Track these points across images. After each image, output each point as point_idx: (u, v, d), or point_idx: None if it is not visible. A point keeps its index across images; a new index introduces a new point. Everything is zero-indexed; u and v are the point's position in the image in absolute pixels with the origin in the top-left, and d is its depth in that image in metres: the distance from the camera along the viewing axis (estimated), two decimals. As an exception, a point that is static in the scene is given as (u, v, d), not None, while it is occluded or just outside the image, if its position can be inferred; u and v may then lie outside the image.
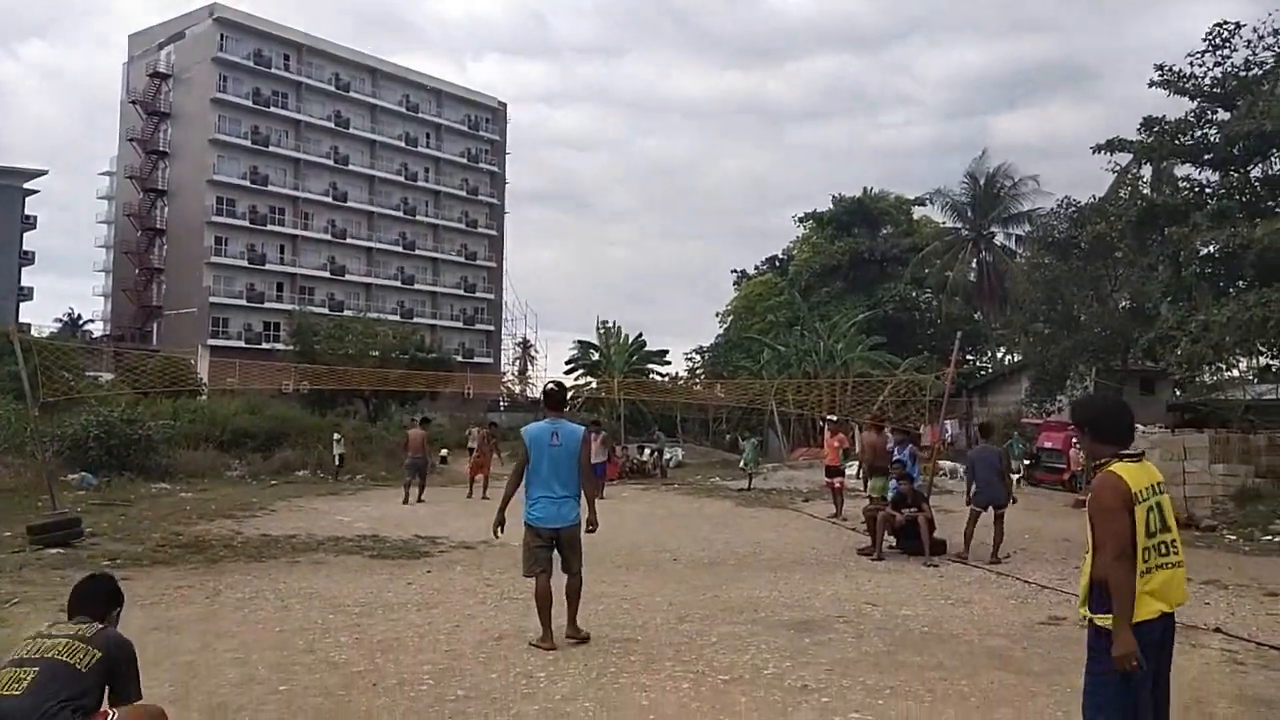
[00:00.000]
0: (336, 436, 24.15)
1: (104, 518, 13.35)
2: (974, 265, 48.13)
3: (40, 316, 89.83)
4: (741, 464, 22.79)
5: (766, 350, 44.72)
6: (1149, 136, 23.08)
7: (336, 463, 23.42)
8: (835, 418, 19.25)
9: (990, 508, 10.96)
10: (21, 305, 55.77)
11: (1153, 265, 27.67)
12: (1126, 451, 3.50)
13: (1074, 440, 21.68)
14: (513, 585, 8.72)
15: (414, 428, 19.35)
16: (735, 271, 68.56)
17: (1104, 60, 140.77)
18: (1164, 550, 3.40)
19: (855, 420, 28.41)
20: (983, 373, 46.07)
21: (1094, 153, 25.55)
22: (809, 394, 30.01)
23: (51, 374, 19.82)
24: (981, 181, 47.84)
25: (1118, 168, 28.04)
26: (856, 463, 18.35)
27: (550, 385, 6.79)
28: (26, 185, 58.14)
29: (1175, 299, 24.53)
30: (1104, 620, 3.33)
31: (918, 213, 59.46)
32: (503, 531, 6.44)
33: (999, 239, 48.89)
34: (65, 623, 3.44)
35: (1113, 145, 24.70)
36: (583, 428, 6.58)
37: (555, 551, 6.37)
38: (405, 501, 17.29)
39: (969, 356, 45.85)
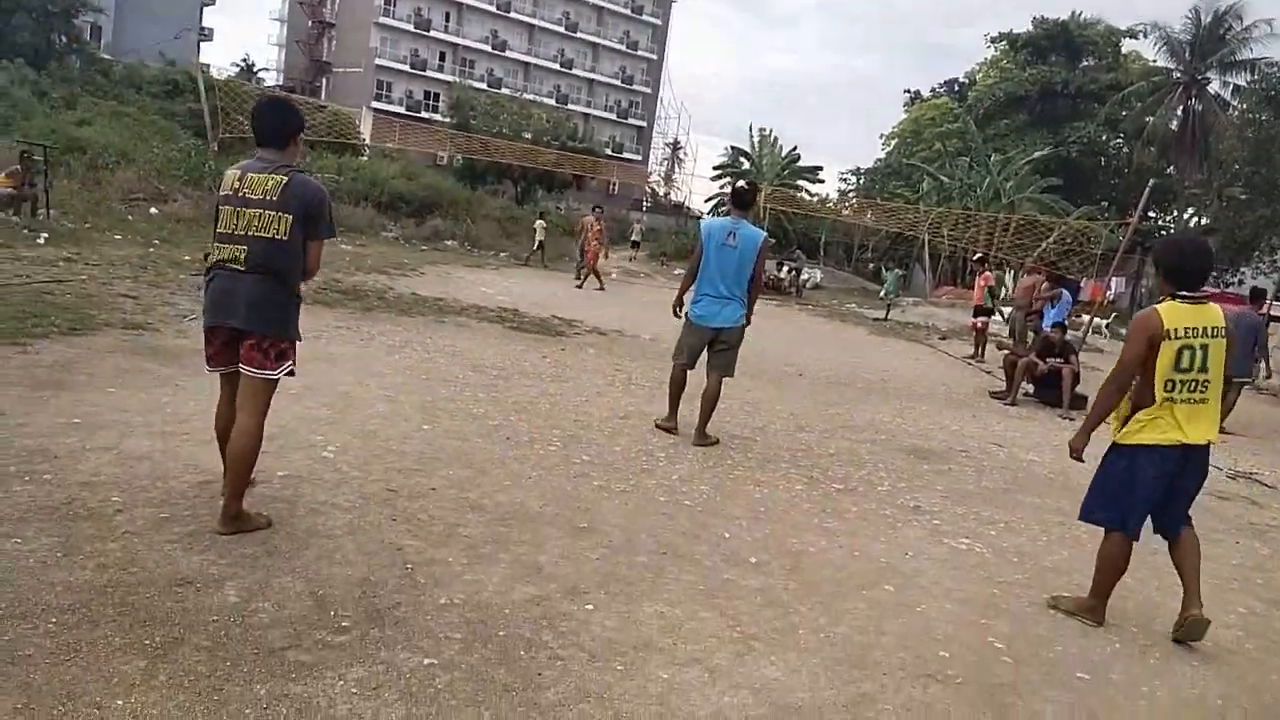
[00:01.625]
0: (540, 223, 23.94)
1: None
2: (1179, 113, 43.27)
3: (218, 59, 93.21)
4: (882, 294, 22.23)
5: (927, 179, 42.35)
6: None
7: (535, 248, 23.16)
8: (980, 255, 18.22)
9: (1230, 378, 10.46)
10: (201, 45, 57.93)
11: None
12: (1185, 293, 3.70)
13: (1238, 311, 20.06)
14: (641, 373, 9.00)
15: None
16: (908, 92, 64.19)
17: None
18: (1194, 387, 3.66)
19: (1012, 263, 27.03)
20: (1163, 232, 42.56)
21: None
22: (966, 229, 28.52)
23: (228, 114, 20.80)
24: (1207, 19, 42.10)
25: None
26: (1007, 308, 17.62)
27: (742, 184, 6.50)
28: (211, -76, 58.93)
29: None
30: (1120, 437, 3.82)
31: (1127, 46, 53.20)
32: (681, 311, 6.47)
33: (1214, 86, 43.44)
34: (257, 173, 3.64)
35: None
36: (763, 233, 6.31)
37: (708, 350, 6.38)
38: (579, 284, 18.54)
39: (1151, 213, 42.24)
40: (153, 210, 16.15)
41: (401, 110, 57.81)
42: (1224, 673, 3.69)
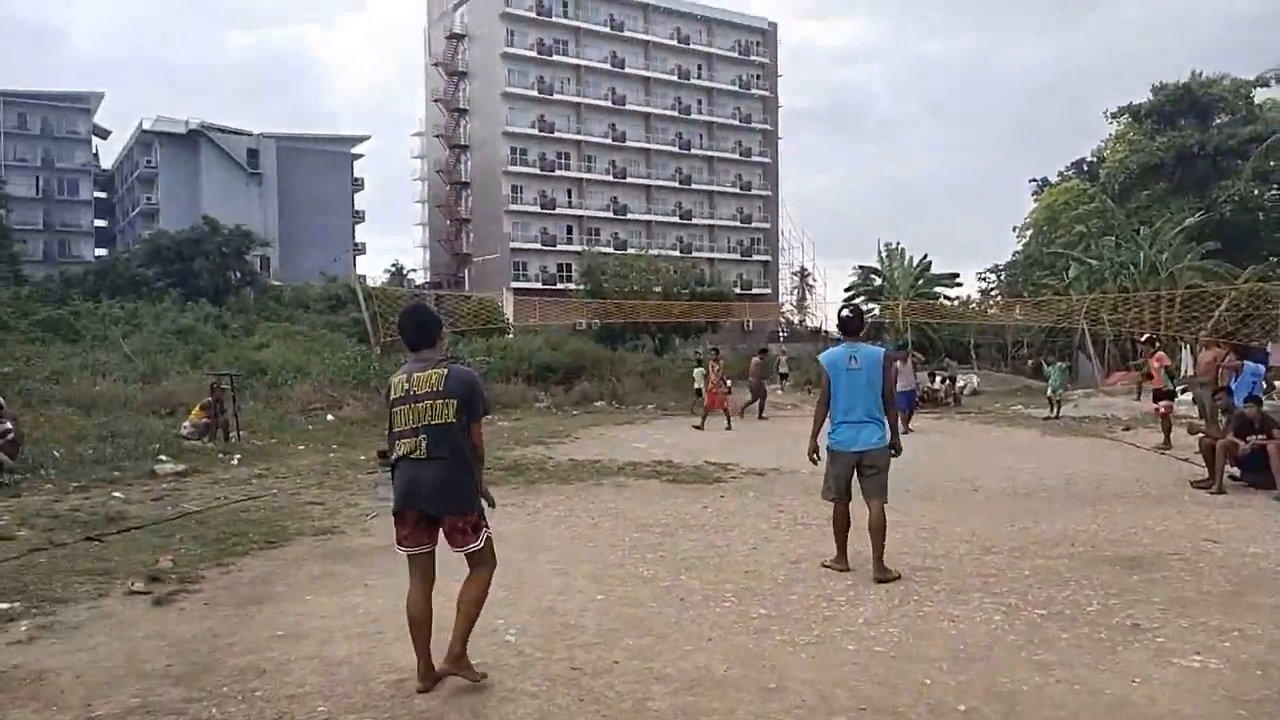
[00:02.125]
0: (698, 371, 24.59)
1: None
2: (1338, 152, 40.51)
3: (372, 269, 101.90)
4: (1049, 391, 21.12)
5: (1074, 265, 40.73)
6: None
7: (697, 396, 24.35)
8: (1148, 336, 17.14)
9: None
10: (357, 259, 63.68)
11: None
12: None
13: None
14: (805, 511, 8.78)
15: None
16: (1034, 180, 62.96)
17: None
18: None
19: (1184, 339, 25.30)
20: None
21: None
22: (1127, 311, 27.03)
23: (386, 318, 22.56)
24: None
25: None
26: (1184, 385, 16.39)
27: (845, 311, 6.55)
28: (353, 150, 65.95)
29: None
30: None
31: (1260, 95, 50.85)
32: (819, 459, 6.42)
33: (1373, 118, 40.67)
34: (420, 371, 4.17)
35: None
36: (882, 349, 6.39)
37: (857, 477, 6.25)
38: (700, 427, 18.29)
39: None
40: (329, 417, 17.44)
41: (538, 285, 61.20)
42: None
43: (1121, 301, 28.15)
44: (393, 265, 71.32)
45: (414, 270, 75.41)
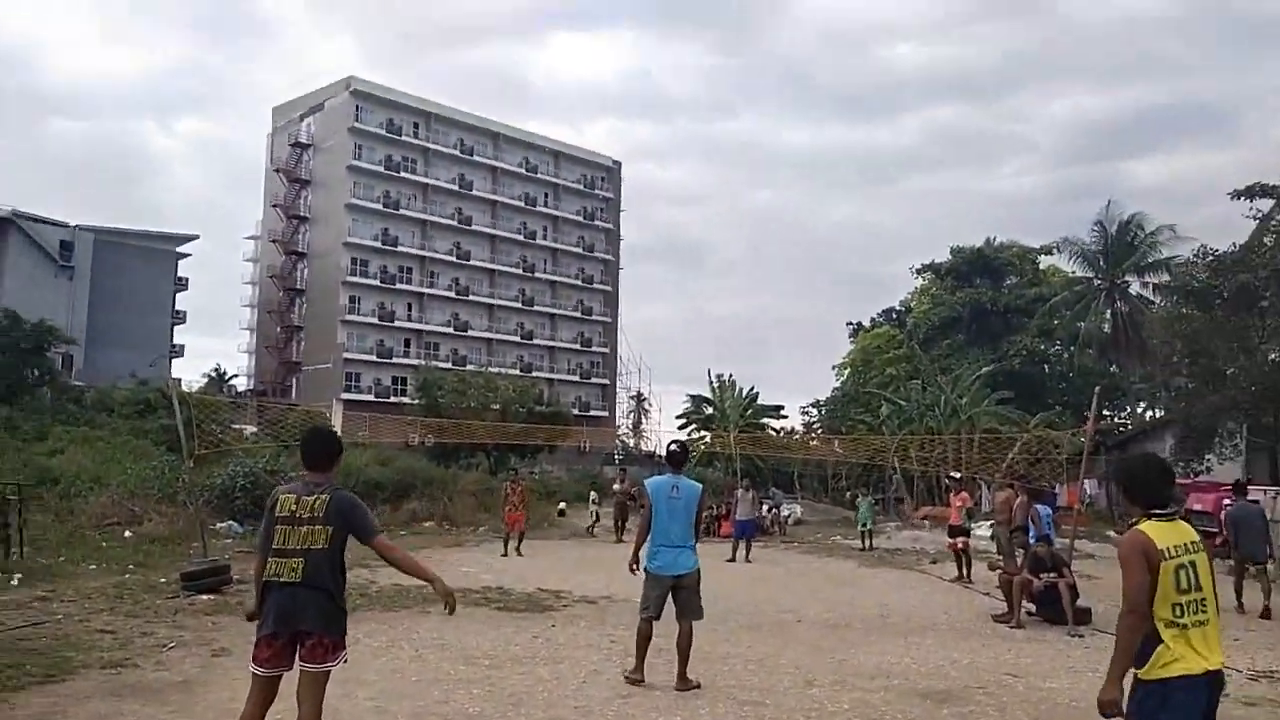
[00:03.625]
0: (593, 495, 24.72)
1: (250, 564, 13.96)
2: (1108, 316, 45.83)
3: (190, 372, 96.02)
4: (858, 525, 22.15)
5: (885, 404, 43.63)
6: (1294, 181, 21.76)
7: (593, 518, 24.80)
8: (959, 475, 18.57)
9: (1251, 563, 11.65)
10: (173, 361, 59.91)
11: (1304, 316, 25.91)
12: (1158, 510, 3.63)
13: (1224, 501, 20.26)
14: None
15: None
16: (850, 324, 67.57)
17: (1237, 101, 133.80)
18: (1197, 609, 3.50)
19: (983, 478, 27.35)
20: (1123, 429, 43.66)
21: (1233, 198, 24.30)
22: (932, 450, 29.07)
23: (201, 426, 21.17)
24: (1113, 229, 45.78)
25: (1260, 214, 26.54)
26: (988, 522, 17.65)
27: (673, 445, 7.30)
28: (180, 249, 62.93)
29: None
30: (1145, 673, 3.47)
31: (1044, 262, 57.36)
32: (638, 568, 6.99)
33: (1134, 288, 46.44)
34: (308, 495, 4.31)
35: (1253, 191, 23.46)
36: (700, 486, 7.05)
37: (672, 597, 6.80)
38: (505, 554, 17.50)
39: (1105, 411, 43.56)
40: (127, 533, 16.00)
41: (371, 398, 59.35)
42: None
43: (928, 441, 30.27)
44: (214, 370, 67.56)
45: (236, 375, 71.66)
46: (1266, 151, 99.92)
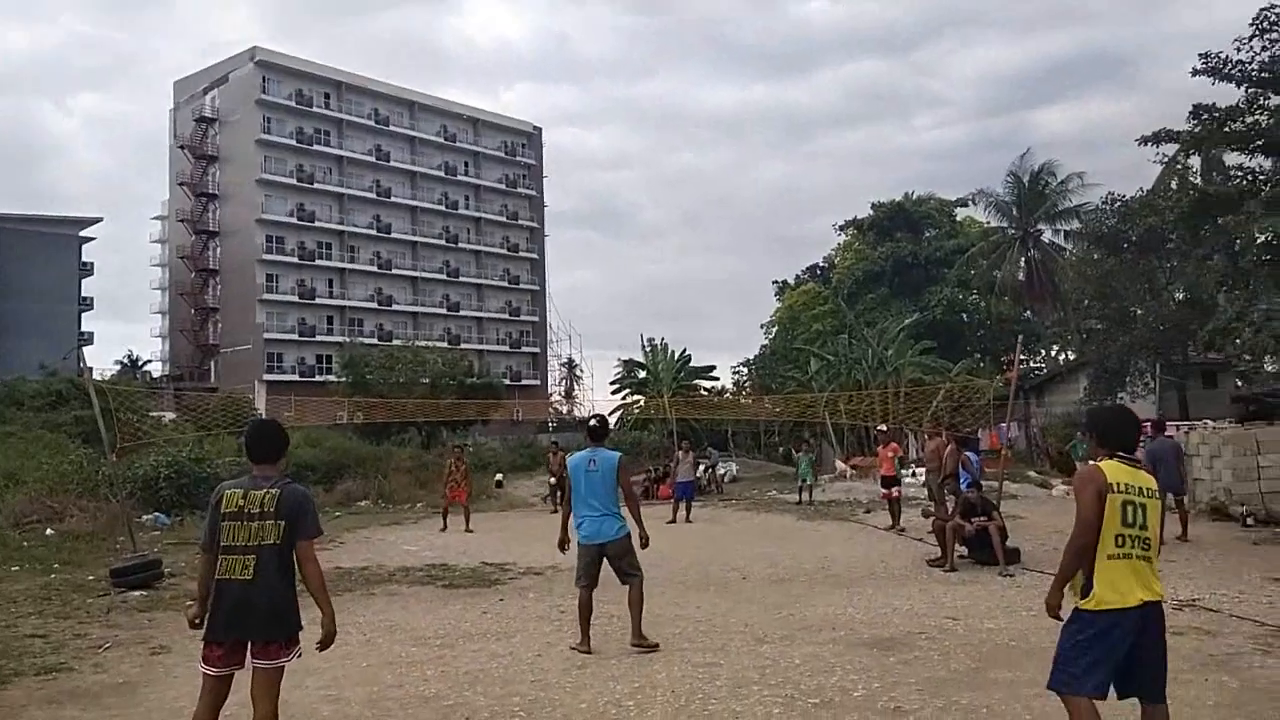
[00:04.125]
0: (550, 476, 24.27)
1: (181, 556, 13.62)
2: (1022, 264, 47.31)
3: (102, 360, 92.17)
4: (798, 480, 22.53)
5: (814, 360, 44.36)
6: (1197, 125, 22.65)
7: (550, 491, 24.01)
8: (885, 427, 19.04)
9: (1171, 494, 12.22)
10: (84, 350, 57.44)
11: (1207, 256, 27.10)
12: (1123, 454, 3.98)
13: (1142, 438, 21.23)
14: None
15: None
16: (776, 282, 68.32)
17: (1142, 49, 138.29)
18: (1143, 545, 3.83)
19: (909, 427, 28.09)
20: (1038, 372, 45.25)
21: (1140, 144, 25.17)
22: (860, 403, 29.72)
23: (119, 416, 20.35)
24: (1025, 179, 47.09)
25: (1165, 158, 27.54)
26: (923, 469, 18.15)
27: (593, 419, 7.50)
28: (83, 233, 60.15)
29: (1232, 289, 24.04)
30: (1083, 603, 3.86)
31: (961, 214, 58.78)
32: (568, 548, 7.26)
33: (1047, 236, 47.99)
34: (256, 489, 4.21)
35: (1159, 136, 24.29)
36: (618, 454, 7.25)
37: (606, 564, 7.00)
38: (444, 528, 17.27)
39: (1022, 356, 45.07)
40: (49, 531, 15.35)
41: (295, 378, 57.94)
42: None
43: (856, 395, 30.94)
44: (125, 356, 65.10)
45: (150, 361, 69.21)
46: (1170, 98, 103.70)
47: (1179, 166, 28.44)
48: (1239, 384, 32.75)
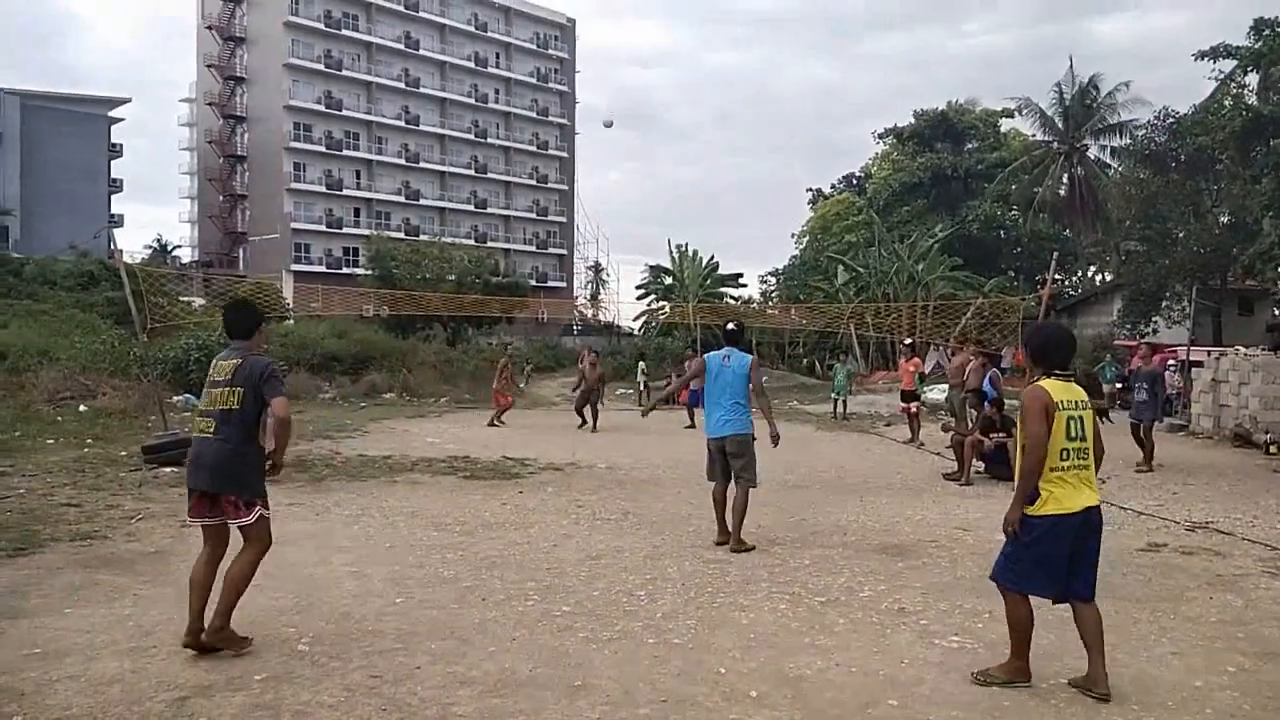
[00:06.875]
0: (641, 366, 25.00)
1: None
2: (1065, 180, 46.01)
3: (132, 243, 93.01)
4: (833, 391, 22.29)
5: (843, 271, 43.88)
6: (1258, 40, 21.60)
7: (642, 389, 25.22)
8: (910, 341, 18.89)
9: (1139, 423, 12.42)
10: (114, 232, 57.88)
11: (1256, 178, 26.19)
12: (1059, 372, 4.23)
13: (1169, 362, 20.96)
14: (603, 506, 8.98)
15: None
16: (810, 190, 67.08)
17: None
18: (1083, 456, 4.14)
19: (935, 343, 27.90)
20: (1072, 293, 44.58)
21: (1196, 60, 24.06)
22: (888, 317, 29.50)
23: (148, 299, 20.63)
24: (1073, 91, 45.37)
25: (1221, 75, 26.41)
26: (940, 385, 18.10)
27: (730, 324, 7.83)
28: (111, 114, 59.80)
29: (1278, 213, 23.31)
30: (1030, 509, 4.12)
31: (1005, 125, 56.90)
32: (647, 415, 9.59)
33: (1092, 152, 46.49)
34: (224, 360, 4.68)
35: (1217, 52, 23.22)
36: (751, 356, 7.55)
37: (728, 460, 7.22)
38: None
39: (1057, 276, 44.32)
40: (82, 408, 15.77)
41: (322, 269, 58.21)
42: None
43: (884, 308, 30.69)
44: (155, 240, 65.51)
45: (180, 246, 69.68)
46: (1230, 9, 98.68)
47: (1235, 84, 27.26)
48: (1276, 312, 32.14)
